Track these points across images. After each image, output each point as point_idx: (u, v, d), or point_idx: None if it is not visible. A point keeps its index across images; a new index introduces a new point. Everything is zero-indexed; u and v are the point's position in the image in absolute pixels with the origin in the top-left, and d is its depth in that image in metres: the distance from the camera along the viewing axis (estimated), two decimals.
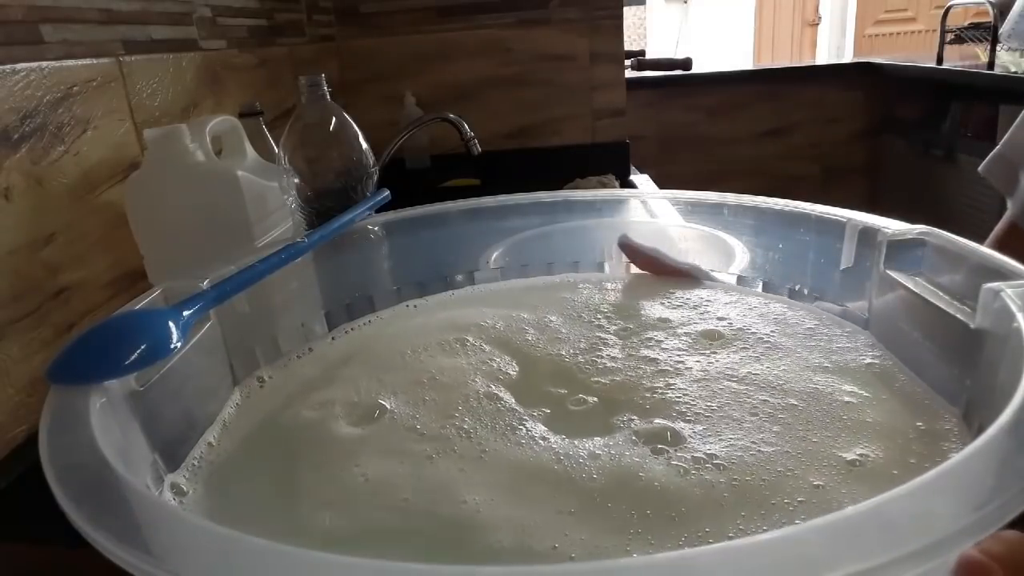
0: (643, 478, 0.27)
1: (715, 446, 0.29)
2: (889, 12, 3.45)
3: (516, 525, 0.25)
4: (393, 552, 0.25)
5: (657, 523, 0.25)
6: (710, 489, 0.26)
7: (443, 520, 0.26)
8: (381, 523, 0.26)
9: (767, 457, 0.28)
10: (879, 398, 0.32)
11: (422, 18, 1.45)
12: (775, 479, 0.26)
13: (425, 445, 0.31)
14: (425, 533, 0.26)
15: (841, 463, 0.27)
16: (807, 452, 0.28)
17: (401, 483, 0.28)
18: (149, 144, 0.65)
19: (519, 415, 0.32)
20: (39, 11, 0.64)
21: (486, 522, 0.25)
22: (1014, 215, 0.83)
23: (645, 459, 0.28)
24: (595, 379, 0.35)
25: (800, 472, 0.27)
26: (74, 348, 0.28)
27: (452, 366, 0.38)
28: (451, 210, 0.50)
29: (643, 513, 0.25)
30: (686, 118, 2.48)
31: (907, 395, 0.32)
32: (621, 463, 0.28)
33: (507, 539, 0.24)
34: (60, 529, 0.19)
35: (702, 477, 0.27)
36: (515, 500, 0.26)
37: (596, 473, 0.28)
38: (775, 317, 0.40)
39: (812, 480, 0.26)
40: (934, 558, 0.15)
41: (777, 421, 0.30)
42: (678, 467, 0.27)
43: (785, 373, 0.34)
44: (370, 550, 0.25)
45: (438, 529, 0.25)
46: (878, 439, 0.28)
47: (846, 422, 0.30)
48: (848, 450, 0.28)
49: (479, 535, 0.25)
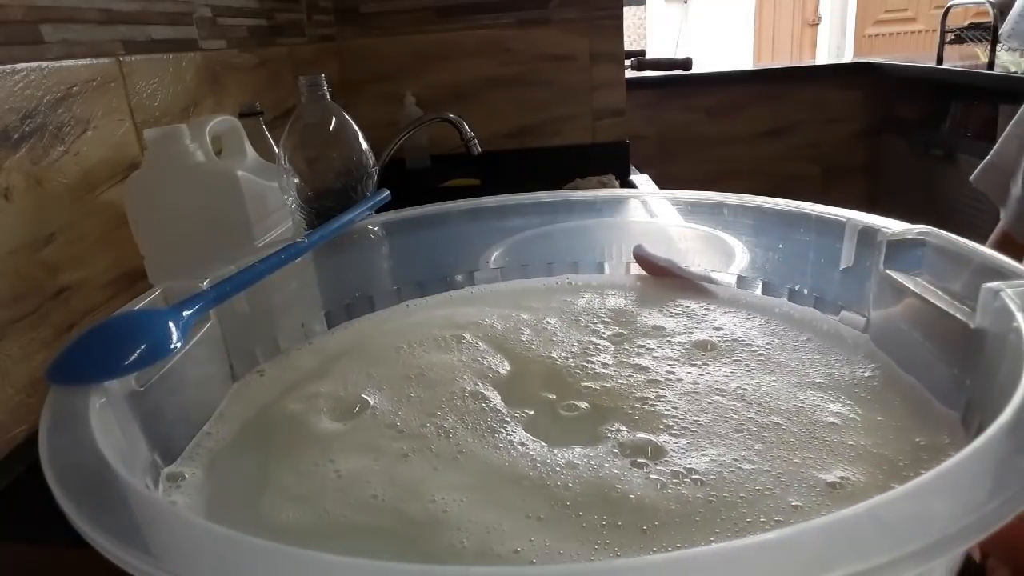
0: (619, 490, 0.27)
1: (696, 461, 0.28)
2: (889, 12, 3.45)
3: (481, 527, 0.25)
4: (352, 549, 0.25)
5: (626, 535, 0.24)
6: (685, 504, 0.26)
7: (408, 518, 0.26)
8: (346, 519, 0.26)
9: (747, 475, 0.27)
10: (868, 419, 0.31)
11: (422, 18, 1.45)
12: (753, 497, 0.26)
13: (403, 443, 0.31)
14: (389, 531, 0.25)
15: (821, 485, 0.27)
16: (787, 472, 0.27)
17: (372, 479, 0.28)
18: (149, 144, 0.65)
19: (502, 417, 0.32)
20: (39, 11, 0.64)
21: (451, 522, 0.25)
22: (1007, 224, 0.84)
23: (624, 471, 0.28)
24: (584, 384, 0.35)
25: (779, 492, 0.26)
26: (74, 348, 0.28)
27: (443, 362, 0.38)
28: (451, 210, 0.50)
29: (614, 524, 0.25)
30: (686, 118, 2.48)
31: (898, 415, 0.31)
32: (599, 473, 0.28)
33: (470, 540, 0.24)
34: (60, 529, 0.19)
35: (679, 492, 0.26)
36: (484, 502, 0.26)
37: (572, 482, 0.27)
38: (773, 329, 0.40)
39: (790, 500, 0.26)
40: (933, 558, 0.15)
41: (761, 439, 0.30)
42: (656, 480, 0.27)
43: (775, 389, 0.34)
44: (330, 546, 0.25)
45: (402, 527, 0.25)
46: (861, 462, 0.28)
47: (830, 443, 0.29)
48: (829, 472, 0.27)
49: (442, 534, 0.25)
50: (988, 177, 0.89)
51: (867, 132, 2.58)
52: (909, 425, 0.30)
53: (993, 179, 0.88)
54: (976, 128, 2.14)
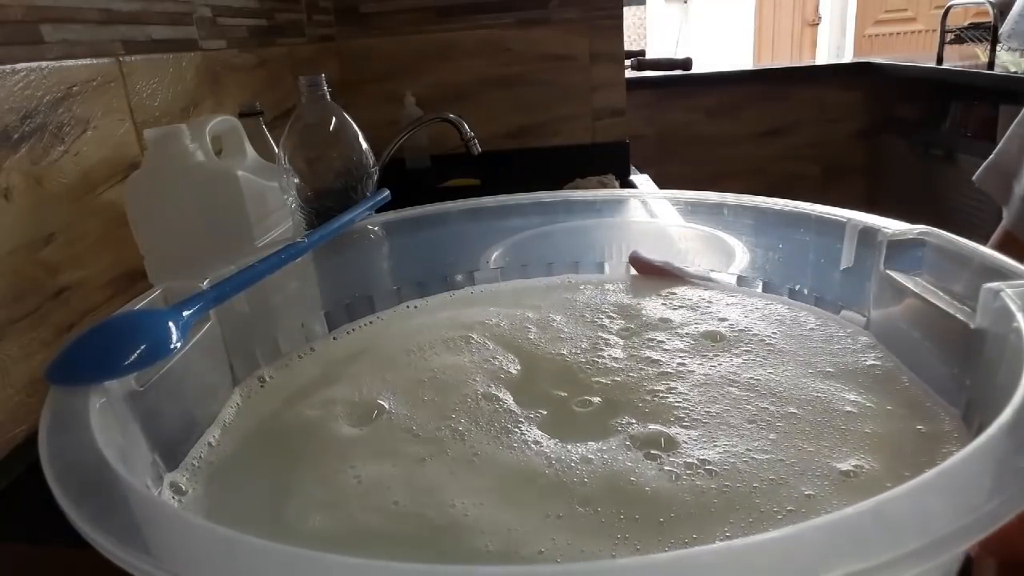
0: (634, 483, 0.27)
1: (709, 452, 0.28)
2: (889, 12, 3.45)
3: (503, 529, 0.25)
4: (379, 555, 0.25)
5: (645, 528, 0.25)
6: (700, 495, 0.26)
7: (430, 524, 0.26)
8: (369, 525, 0.26)
9: (760, 465, 0.27)
10: (879, 406, 0.31)
11: (422, 18, 1.45)
12: (767, 487, 0.26)
13: (419, 447, 0.31)
14: (412, 536, 0.26)
15: (835, 473, 0.27)
16: (801, 461, 0.28)
17: (393, 485, 0.28)
18: (149, 144, 0.65)
19: (515, 417, 0.32)
20: (39, 11, 0.64)
21: (473, 526, 0.25)
22: (1010, 224, 0.84)
23: (637, 464, 0.28)
24: (596, 379, 0.35)
25: (792, 481, 0.26)
26: (74, 348, 0.28)
27: (454, 364, 0.38)
28: (451, 210, 0.50)
29: (631, 518, 0.25)
30: (686, 118, 2.48)
31: (907, 402, 0.31)
32: (613, 468, 0.28)
33: (493, 543, 0.24)
34: (60, 529, 0.19)
35: (693, 483, 0.27)
36: (503, 504, 0.26)
37: (587, 478, 0.27)
38: (777, 318, 0.40)
39: (804, 490, 0.26)
40: (934, 558, 0.15)
41: (774, 429, 0.30)
42: (670, 472, 0.27)
43: (787, 379, 0.34)
44: (355, 552, 0.25)
45: (425, 533, 0.25)
46: (875, 450, 0.28)
47: (844, 432, 0.29)
48: (843, 460, 0.27)
49: (465, 539, 0.25)
50: (990, 177, 0.89)
51: (867, 132, 2.58)
52: (917, 413, 0.30)
53: (995, 179, 0.88)
54: (976, 128, 2.14)
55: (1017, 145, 0.86)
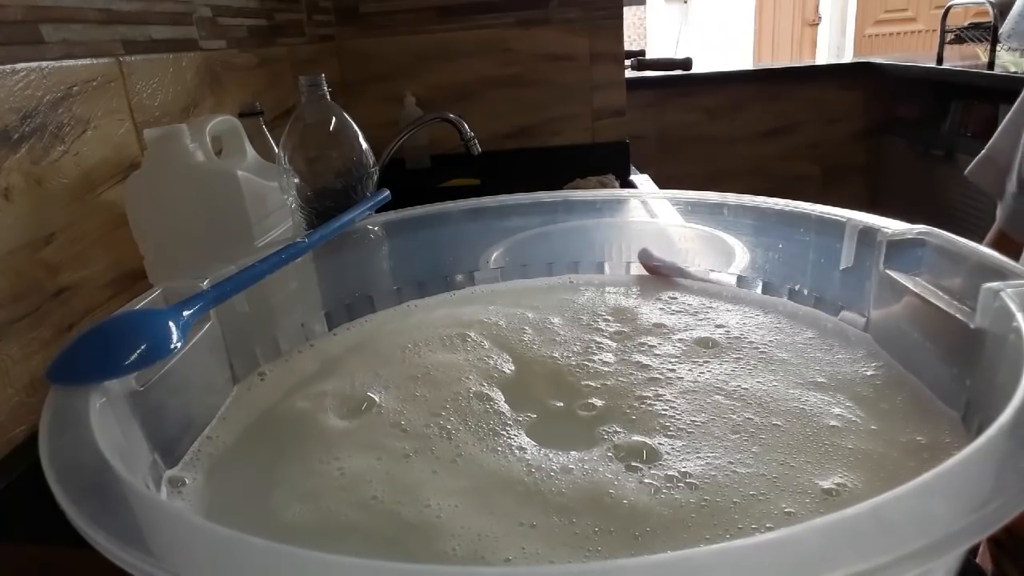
0: (612, 495, 0.27)
1: (691, 464, 0.28)
2: (889, 12, 3.45)
3: (473, 534, 0.25)
4: (349, 550, 0.25)
5: (618, 541, 0.24)
6: (678, 509, 0.26)
7: (403, 522, 0.26)
8: (346, 519, 0.26)
9: (741, 479, 0.27)
10: (869, 421, 0.31)
11: (422, 18, 1.45)
12: (746, 502, 0.26)
13: (406, 443, 0.31)
14: (384, 533, 0.25)
15: (817, 491, 0.26)
16: (783, 476, 0.27)
17: (374, 479, 0.28)
18: (149, 144, 0.65)
19: (504, 419, 0.32)
20: (39, 11, 0.64)
21: (444, 528, 0.25)
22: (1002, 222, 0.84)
23: (618, 476, 0.28)
24: (585, 383, 0.35)
25: (773, 497, 0.26)
26: (74, 348, 0.28)
27: (449, 362, 0.38)
28: (451, 210, 0.50)
29: (606, 531, 0.25)
30: (686, 118, 2.48)
31: (900, 415, 0.31)
32: (593, 479, 0.28)
33: (461, 547, 0.24)
34: (60, 529, 0.19)
35: (672, 496, 0.26)
36: (478, 508, 0.26)
37: (566, 488, 0.27)
38: (775, 326, 0.40)
39: (784, 507, 0.25)
40: (934, 558, 0.15)
41: (758, 441, 0.29)
42: (650, 485, 0.27)
43: (776, 389, 0.33)
44: (326, 545, 0.25)
45: (397, 531, 0.25)
46: (859, 468, 0.28)
47: (828, 447, 0.29)
48: (826, 478, 0.27)
49: (435, 540, 0.25)
50: (983, 170, 0.89)
51: (867, 132, 2.58)
52: (910, 426, 0.30)
53: (988, 173, 0.89)
54: (976, 128, 2.13)
55: (1009, 140, 0.86)
